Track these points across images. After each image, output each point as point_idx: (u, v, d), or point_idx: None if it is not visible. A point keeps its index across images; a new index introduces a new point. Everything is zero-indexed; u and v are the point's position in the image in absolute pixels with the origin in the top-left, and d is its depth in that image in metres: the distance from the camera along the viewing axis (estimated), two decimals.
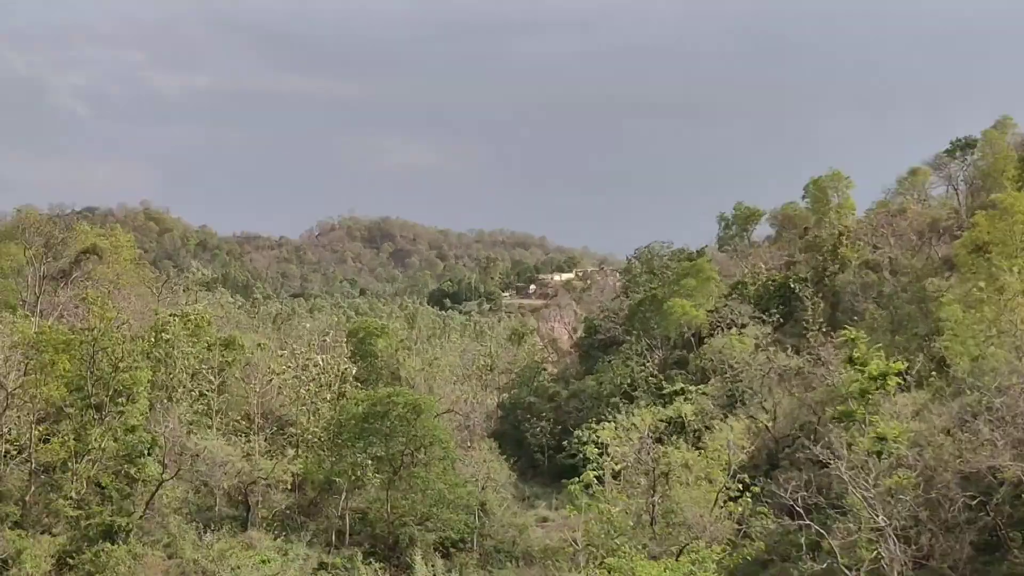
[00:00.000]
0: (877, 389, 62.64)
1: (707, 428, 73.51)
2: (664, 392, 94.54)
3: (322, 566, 65.50)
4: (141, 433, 62.51)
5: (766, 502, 57.04)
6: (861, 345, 68.24)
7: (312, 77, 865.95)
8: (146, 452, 62.14)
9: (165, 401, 70.94)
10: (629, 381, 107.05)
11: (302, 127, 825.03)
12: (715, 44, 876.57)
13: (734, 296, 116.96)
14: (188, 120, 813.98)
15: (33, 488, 60.36)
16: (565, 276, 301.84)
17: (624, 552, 48.49)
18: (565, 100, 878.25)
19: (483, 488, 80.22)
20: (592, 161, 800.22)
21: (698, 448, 64.97)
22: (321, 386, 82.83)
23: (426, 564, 65.04)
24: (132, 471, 61.90)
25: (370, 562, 65.90)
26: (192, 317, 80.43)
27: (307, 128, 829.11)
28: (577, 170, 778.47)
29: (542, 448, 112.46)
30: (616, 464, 62.75)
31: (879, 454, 52.80)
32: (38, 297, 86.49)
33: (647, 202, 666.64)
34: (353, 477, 70.27)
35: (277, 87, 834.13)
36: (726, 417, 76.21)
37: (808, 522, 49.75)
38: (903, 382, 65.19)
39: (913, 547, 47.82)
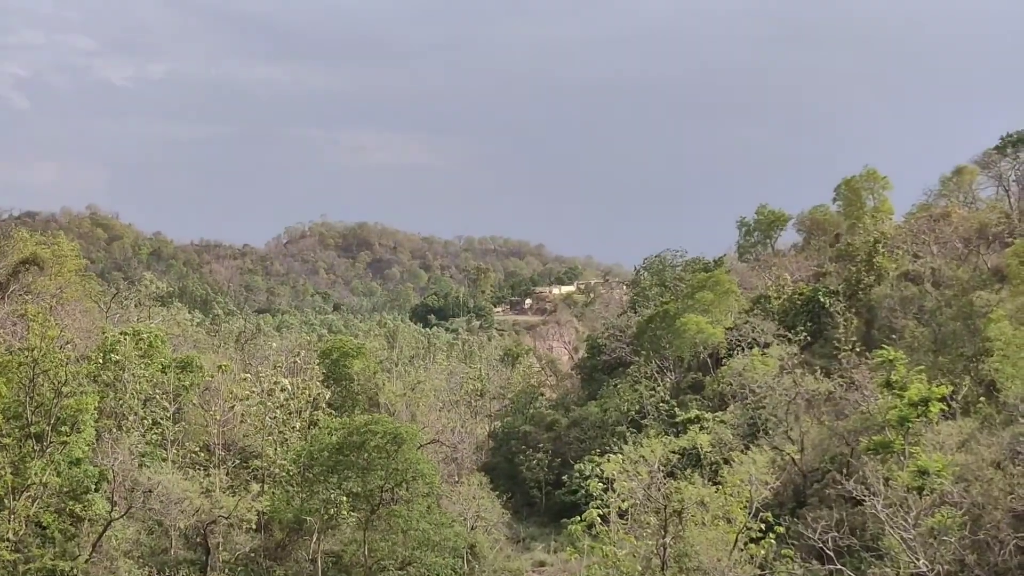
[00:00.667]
0: (918, 417, 62.60)
1: (726, 461, 72.96)
2: (677, 420, 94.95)
3: None
4: (87, 466, 62.23)
5: (792, 544, 57.07)
6: (900, 367, 68.39)
7: (280, 64, 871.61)
8: (93, 488, 61.87)
9: (114, 430, 70.63)
10: (637, 408, 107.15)
11: (269, 121, 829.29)
12: (734, 29, 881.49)
13: (756, 311, 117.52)
14: (140, 114, 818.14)
15: None
16: (565, 289, 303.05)
17: None
18: (565, 93, 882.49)
19: (472, 528, 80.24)
20: (597, 160, 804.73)
21: (715, 483, 64.76)
22: (290, 413, 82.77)
23: None
24: (77, 509, 61.56)
25: None
26: (144, 336, 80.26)
27: (274, 122, 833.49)
28: (580, 170, 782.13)
29: (539, 483, 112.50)
30: (623, 501, 62.45)
31: (920, 490, 52.69)
32: None
33: (658, 206, 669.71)
34: (326, 516, 69.97)
35: (241, 76, 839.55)
36: (747, 448, 75.86)
37: (840, 566, 49.80)
38: (947, 409, 65.27)
39: None
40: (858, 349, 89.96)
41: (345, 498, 69.79)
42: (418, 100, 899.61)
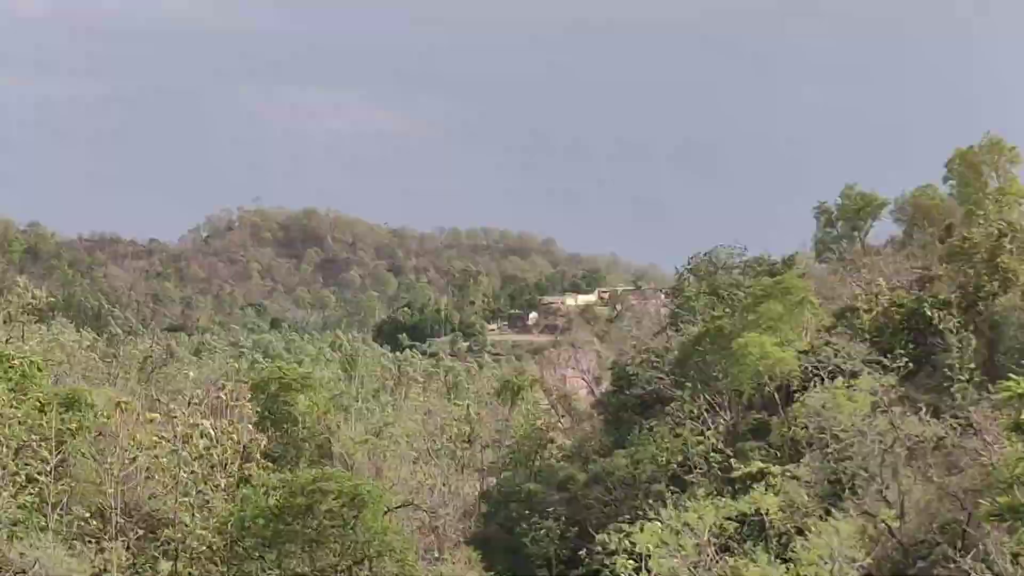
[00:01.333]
0: None
1: (799, 531, 72.55)
2: (734, 475, 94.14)
3: None
4: None
5: None
6: None
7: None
8: None
9: None
10: (680, 459, 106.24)
11: (188, 75, 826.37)
12: None
13: (840, 329, 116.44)
14: (13, 64, 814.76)
15: None
16: (583, 299, 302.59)
17: None
18: (579, 40, 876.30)
19: None
20: (620, 130, 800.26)
21: (786, 561, 64.62)
22: (212, 467, 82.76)
23: None
24: None
25: None
26: (16, 362, 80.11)
27: (195, 77, 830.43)
28: (598, 144, 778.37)
29: (548, 561, 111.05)
30: None
31: None
32: None
33: (706, 188, 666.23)
34: None
35: (149, 13, 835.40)
36: (828, 513, 75.27)
37: None
38: None
39: None
40: (978, 379, 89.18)
41: None
42: (383, 47, 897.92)
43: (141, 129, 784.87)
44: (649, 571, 63.67)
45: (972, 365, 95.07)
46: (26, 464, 76.69)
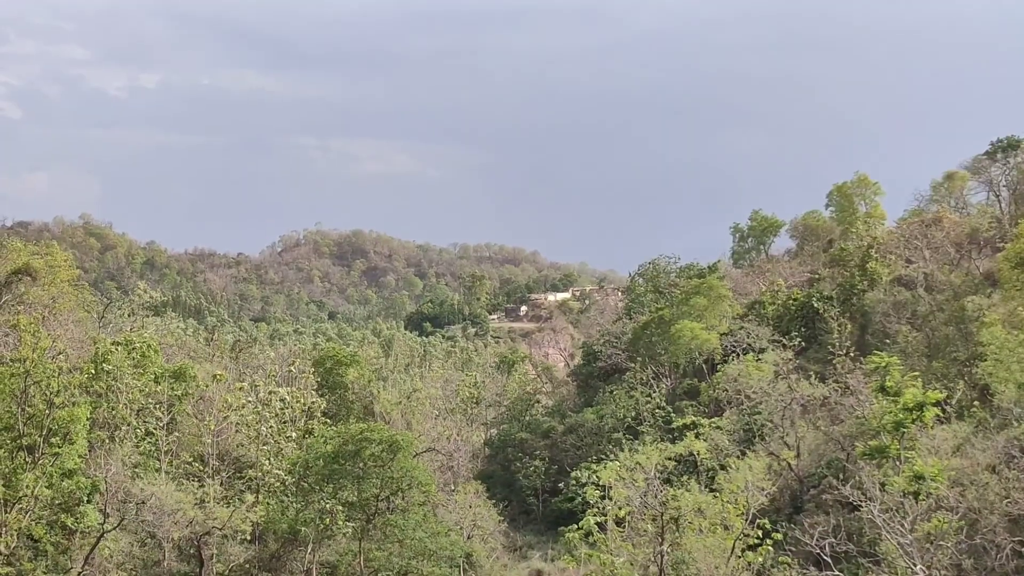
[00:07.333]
0: (913, 421, 62.36)
1: (722, 467, 73.09)
2: (673, 426, 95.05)
3: None
4: (79, 478, 61.61)
5: (789, 550, 56.68)
6: (894, 372, 68.42)
7: (272, 74, 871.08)
8: (85, 499, 61.41)
9: (107, 441, 70.24)
10: (633, 414, 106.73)
11: (264, 131, 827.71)
12: (728, 35, 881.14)
13: (750, 317, 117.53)
14: (134, 123, 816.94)
15: None
16: (560, 296, 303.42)
17: None
18: (560, 101, 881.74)
19: (469, 537, 79.94)
20: (591, 169, 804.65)
21: (712, 490, 64.72)
22: (284, 423, 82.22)
23: None
24: (69, 521, 61.06)
25: None
26: (138, 345, 79.62)
27: (267, 131, 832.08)
28: (574, 179, 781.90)
29: (535, 491, 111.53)
30: (619, 509, 61.65)
31: (916, 495, 52.36)
32: None
33: (652, 214, 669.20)
34: (321, 526, 69.35)
35: (235, 85, 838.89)
36: (743, 454, 76.05)
37: (837, 572, 49.33)
38: (942, 413, 65.05)
39: None
40: (852, 354, 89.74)
41: (340, 507, 69.27)
42: (408, 109, 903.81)
43: (230, 170, 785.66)
44: (611, 498, 63.59)
45: (848, 344, 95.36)
46: (145, 422, 76.46)
